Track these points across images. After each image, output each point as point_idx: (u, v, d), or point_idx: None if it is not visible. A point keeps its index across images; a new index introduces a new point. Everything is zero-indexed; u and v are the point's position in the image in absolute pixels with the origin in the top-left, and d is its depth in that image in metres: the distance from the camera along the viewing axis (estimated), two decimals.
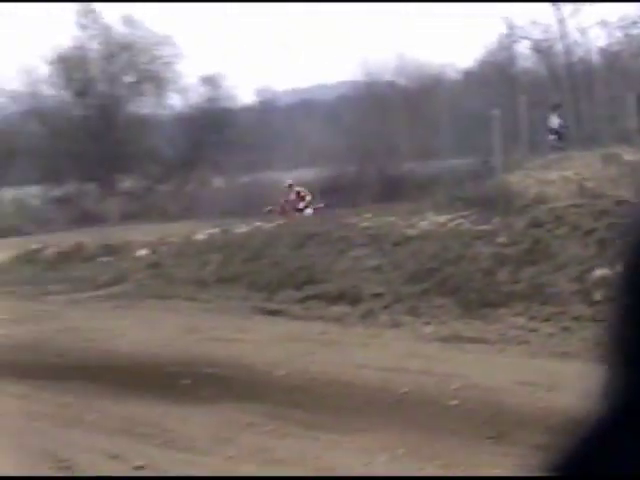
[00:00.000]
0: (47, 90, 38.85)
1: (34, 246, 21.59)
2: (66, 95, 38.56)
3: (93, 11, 37.95)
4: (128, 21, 38.30)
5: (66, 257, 20.01)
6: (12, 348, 12.53)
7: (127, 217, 25.11)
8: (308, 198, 25.40)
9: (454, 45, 66.13)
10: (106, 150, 35.64)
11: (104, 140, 35.87)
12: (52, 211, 35.02)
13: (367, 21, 57.43)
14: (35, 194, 37.54)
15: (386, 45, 60.21)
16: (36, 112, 38.20)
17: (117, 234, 20.80)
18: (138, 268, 17.67)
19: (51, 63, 38.40)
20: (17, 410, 9.22)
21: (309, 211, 24.86)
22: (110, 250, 20.04)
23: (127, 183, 37.24)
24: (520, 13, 54.07)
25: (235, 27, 58.68)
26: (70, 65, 38.29)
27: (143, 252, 18.80)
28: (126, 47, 38.48)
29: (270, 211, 24.49)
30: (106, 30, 38.45)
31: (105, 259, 19.24)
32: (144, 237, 20.38)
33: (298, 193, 25.35)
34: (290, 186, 25.74)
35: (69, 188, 36.73)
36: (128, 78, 38.93)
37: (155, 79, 39.04)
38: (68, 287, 17.44)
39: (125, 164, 36.69)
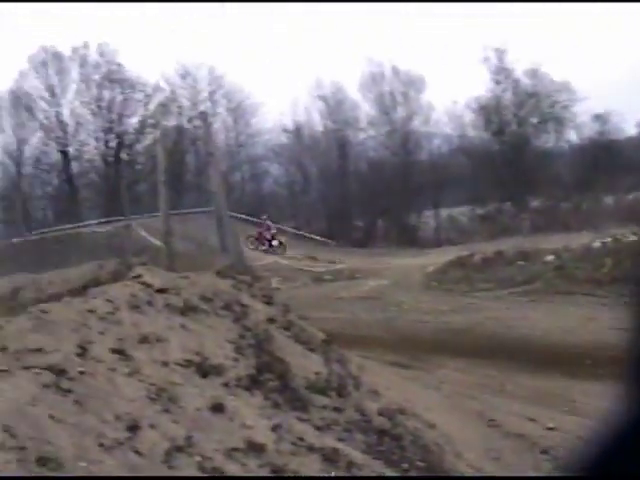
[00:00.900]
0: (471, 132, 39.92)
1: (464, 253, 22.01)
2: (485, 135, 39.19)
3: (506, 69, 38.27)
4: (533, 74, 38.04)
5: (489, 262, 20.15)
6: (452, 332, 13.02)
7: (536, 229, 24.75)
8: (273, 231, 27.29)
9: None
10: (518, 177, 35.59)
11: (516, 169, 35.86)
12: (477, 225, 35.63)
13: None
14: (463, 212, 38.43)
15: None
16: (463, 149, 39.41)
17: (529, 243, 20.58)
18: (546, 270, 17.41)
19: (474, 111, 39.39)
20: (456, 380, 9.57)
21: (275, 242, 26.90)
22: (524, 256, 19.87)
23: (535, 202, 36.85)
24: None
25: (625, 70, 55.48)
26: (488, 111, 38.88)
27: (550, 257, 18.44)
28: (532, 95, 38.27)
29: (251, 238, 26.80)
30: (515, 83, 38.55)
31: (520, 263, 19.13)
32: (550, 245, 20.02)
33: (267, 226, 27.19)
34: (264, 220, 27.49)
35: (490, 207, 37.16)
36: (534, 119, 38.64)
37: (556, 119, 38.36)
38: (491, 285, 17.64)
39: (533, 187, 36.33)
